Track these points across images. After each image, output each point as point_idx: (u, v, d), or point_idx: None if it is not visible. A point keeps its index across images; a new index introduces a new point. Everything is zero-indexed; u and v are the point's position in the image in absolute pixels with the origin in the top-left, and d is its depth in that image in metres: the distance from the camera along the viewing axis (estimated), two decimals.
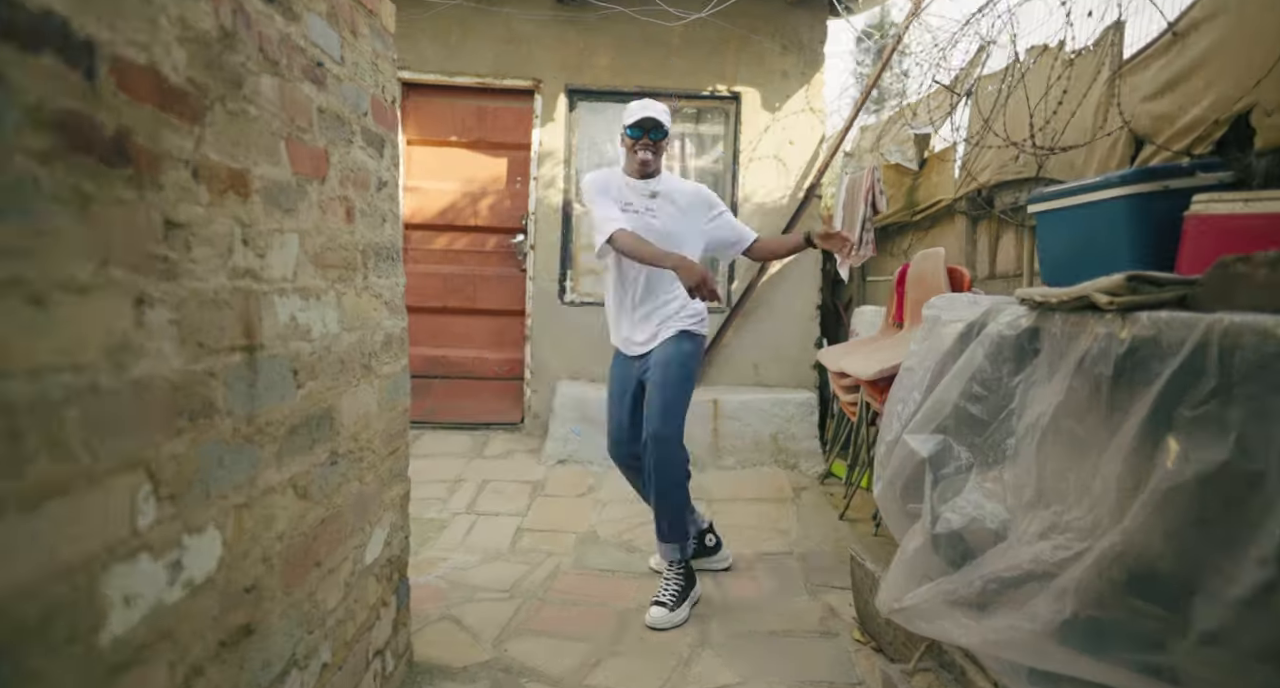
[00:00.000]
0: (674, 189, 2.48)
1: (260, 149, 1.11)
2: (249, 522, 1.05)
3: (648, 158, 2.38)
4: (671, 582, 2.32)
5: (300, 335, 1.24)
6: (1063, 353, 1.49)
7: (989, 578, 1.54)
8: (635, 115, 2.35)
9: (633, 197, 2.42)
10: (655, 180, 2.45)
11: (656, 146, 2.39)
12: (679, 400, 2.33)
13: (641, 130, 2.36)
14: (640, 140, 2.37)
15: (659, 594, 2.29)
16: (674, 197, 2.45)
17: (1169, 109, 1.95)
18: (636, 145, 2.37)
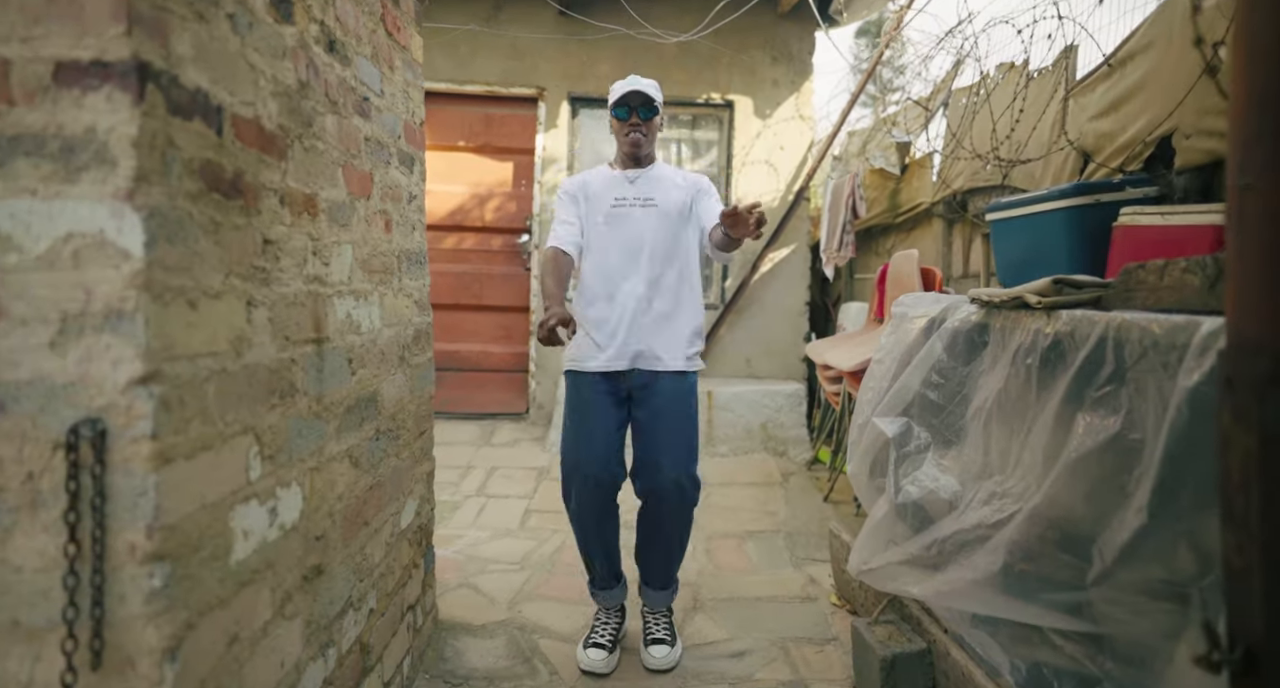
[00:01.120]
0: (672, 175, 2.20)
1: (324, 176, 1.34)
2: (318, 483, 1.29)
3: (638, 138, 2.10)
4: (661, 614, 2.16)
5: (353, 330, 1.47)
6: (1003, 345, 1.73)
7: (942, 541, 1.78)
8: (620, 91, 2.08)
9: (622, 189, 2.14)
10: (650, 168, 2.18)
11: (648, 126, 2.11)
12: (698, 439, 2.15)
13: (628, 108, 2.09)
14: (628, 120, 2.10)
15: (654, 629, 2.10)
16: (670, 182, 2.17)
17: (1111, 128, 2.18)
18: (625, 127, 2.11)
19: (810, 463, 3.93)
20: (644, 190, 2.14)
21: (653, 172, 2.18)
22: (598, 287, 2.13)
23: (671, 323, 2.11)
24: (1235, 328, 0.74)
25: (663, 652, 2.03)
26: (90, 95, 0.81)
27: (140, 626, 0.83)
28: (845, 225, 3.82)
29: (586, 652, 2.02)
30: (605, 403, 2.08)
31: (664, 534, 2.11)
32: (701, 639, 2.16)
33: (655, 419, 2.07)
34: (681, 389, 2.11)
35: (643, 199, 2.13)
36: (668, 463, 2.04)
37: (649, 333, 2.08)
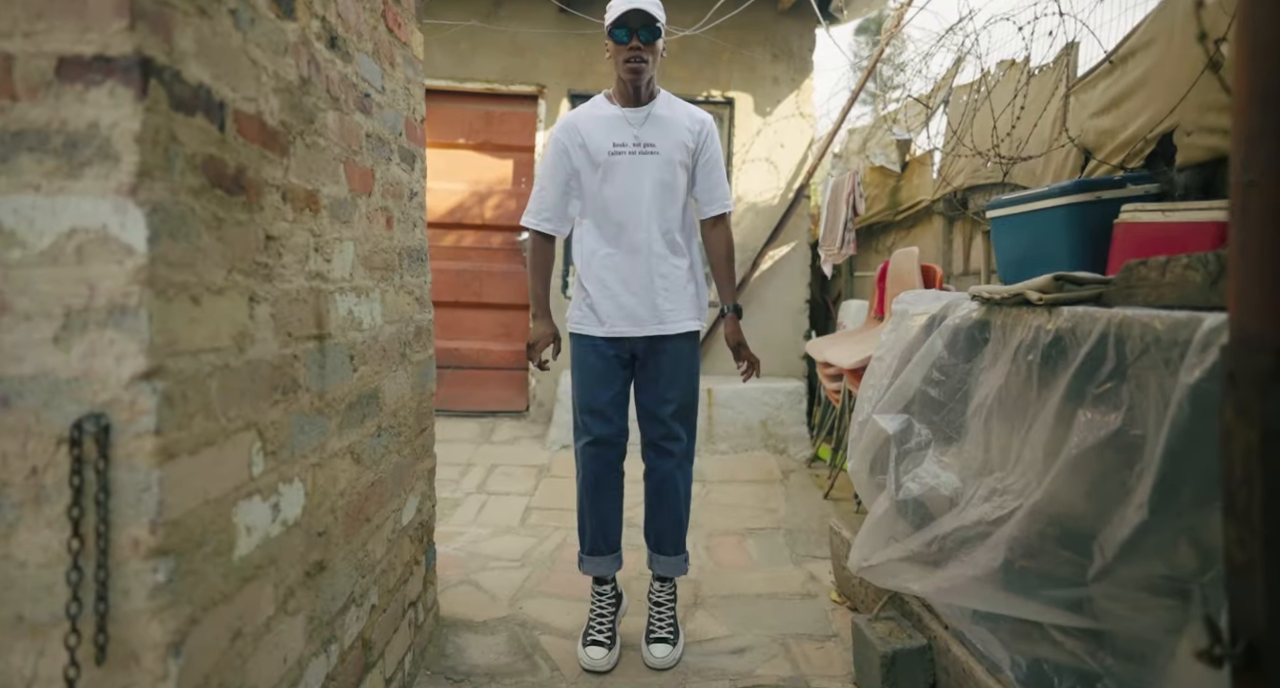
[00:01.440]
0: (676, 114, 2.01)
1: (326, 172, 1.34)
2: (320, 479, 1.29)
3: (639, 66, 1.88)
4: (666, 607, 2.12)
5: (355, 327, 1.47)
6: (1004, 342, 1.73)
7: (943, 537, 1.78)
8: (618, 10, 1.85)
9: (620, 132, 1.97)
10: (652, 104, 1.99)
11: (649, 50, 1.89)
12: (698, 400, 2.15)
13: (628, 29, 1.86)
14: (628, 44, 1.87)
15: (657, 627, 2.07)
16: (675, 124, 1.99)
17: (1112, 125, 2.18)
18: (623, 51, 1.88)
19: (810, 460, 3.94)
20: (645, 134, 1.98)
21: (656, 110, 2.00)
22: (595, 244, 2.05)
23: (673, 283, 2.05)
24: (1238, 324, 0.74)
25: (664, 651, 2.02)
26: (93, 90, 0.81)
27: (145, 620, 0.83)
28: (846, 223, 3.83)
29: (586, 650, 2.01)
30: (610, 367, 2.08)
31: (671, 489, 2.12)
32: (702, 635, 2.17)
33: (659, 377, 2.08)
34: (686, 349, 2.11)
35: (643, 145, 1.98)
36: (668, 425, 2.08)
37: (652, 296, 2.03)
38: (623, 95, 2.00)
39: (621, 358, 2.09)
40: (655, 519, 2.18)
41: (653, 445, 2.15)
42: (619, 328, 2.05)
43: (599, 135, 2.00)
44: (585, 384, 2.09)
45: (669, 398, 2.09)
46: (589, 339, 2.09)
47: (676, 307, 2.07)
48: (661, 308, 2.05)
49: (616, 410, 2.08)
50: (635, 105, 2.00)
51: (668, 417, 2.10)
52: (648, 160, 1.99)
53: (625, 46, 1.90)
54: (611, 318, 2.04)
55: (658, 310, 2.05)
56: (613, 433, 2.09)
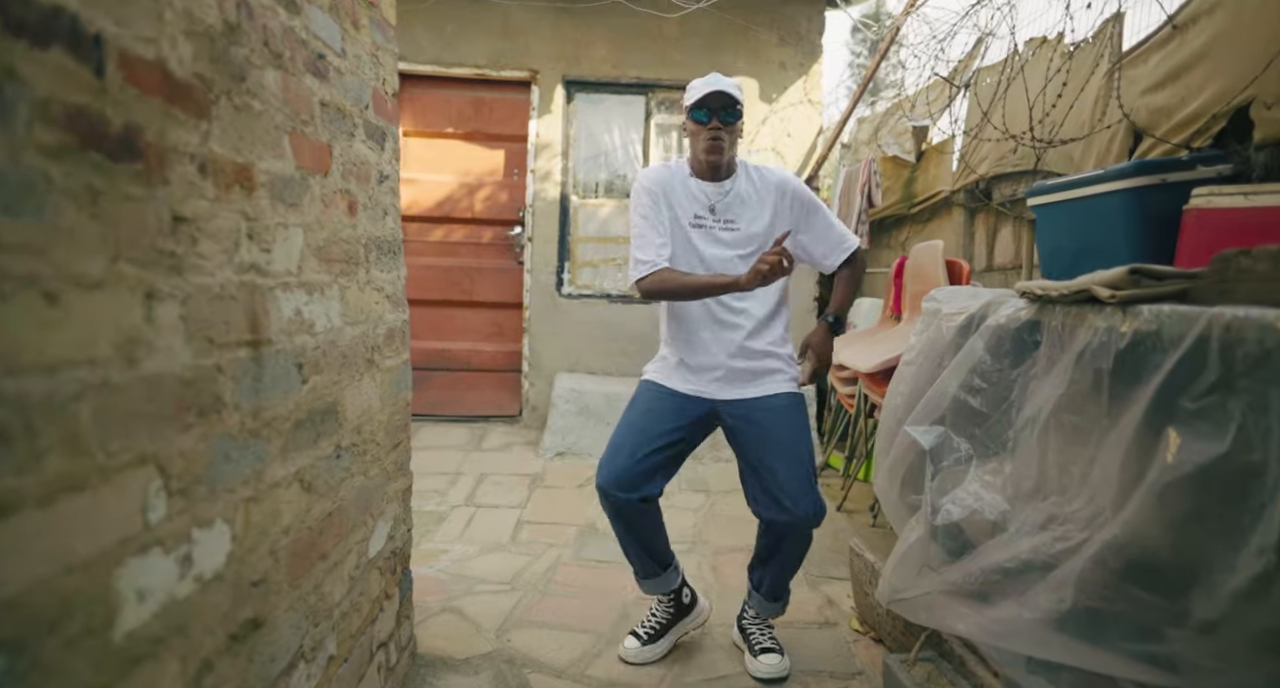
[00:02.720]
0: (753, 185, 1.93)
1: (264, 143, 1.11)
2: (256, 516, 1.05)
3: (719, 147, 1.83)
4: (766, 623, 2.03)
5: (305, 330, 1.24)
6: (1063, 346, 1.50)
7: (989, 569, 1.55)
8: (700, 92, 1.81)
9: (700, 206, 1.91)
10: (732, 180, 1.92)
11: (729, 131, 1.84)
12: (814, 457, 1.93)
13: (708, 111, 1.81)
14: (708, 125, 1.82)
15: (761, 638, 1.97)
16: (752, 196, 1.92)
17: (1168, 102, 1.96)
18: (703, 131, 1.83)
19: (821, 468, 3.71)
20: (724, 211, 1.92)
21: (736, 188, 1.93)
22: (679, 316, 1.94)
23: (763, 363, 1.92)
24: None
25: (774, 660, 1.91)
26: None
27: None
28: (860, 214, 3.60)
29: (624, 642, 2.00)
30: (656, 418, 1.90)
31: (784, 554, 1.94)
32: (713, 672, 1.94)
33: (758, 447, 1.86)
34: (787, 404, 1.90)
35: (723, 220, 1.91)
36: (788, 499, 1.82)
37: (739, 367, 1.91)
38: (702, 172, 1.93)
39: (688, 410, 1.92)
40: (764, 567, 2.00)
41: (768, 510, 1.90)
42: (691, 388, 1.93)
43: (685, 201, 1.92)
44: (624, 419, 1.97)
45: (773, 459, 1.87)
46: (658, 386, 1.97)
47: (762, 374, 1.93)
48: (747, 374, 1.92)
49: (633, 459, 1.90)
50: (715, 181, 1.93)
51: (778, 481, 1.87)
52: (726, 236, 1.91)
53: (705, 127, 1.84)
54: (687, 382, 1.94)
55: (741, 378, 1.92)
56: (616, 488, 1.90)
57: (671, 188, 1.92)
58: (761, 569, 1.99)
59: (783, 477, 1.81)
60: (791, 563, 1.95)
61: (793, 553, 1.93)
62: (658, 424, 1.89)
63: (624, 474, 1.85)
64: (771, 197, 1.92)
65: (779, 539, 1.89)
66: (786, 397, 1.91)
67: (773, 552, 1.93)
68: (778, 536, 1.89)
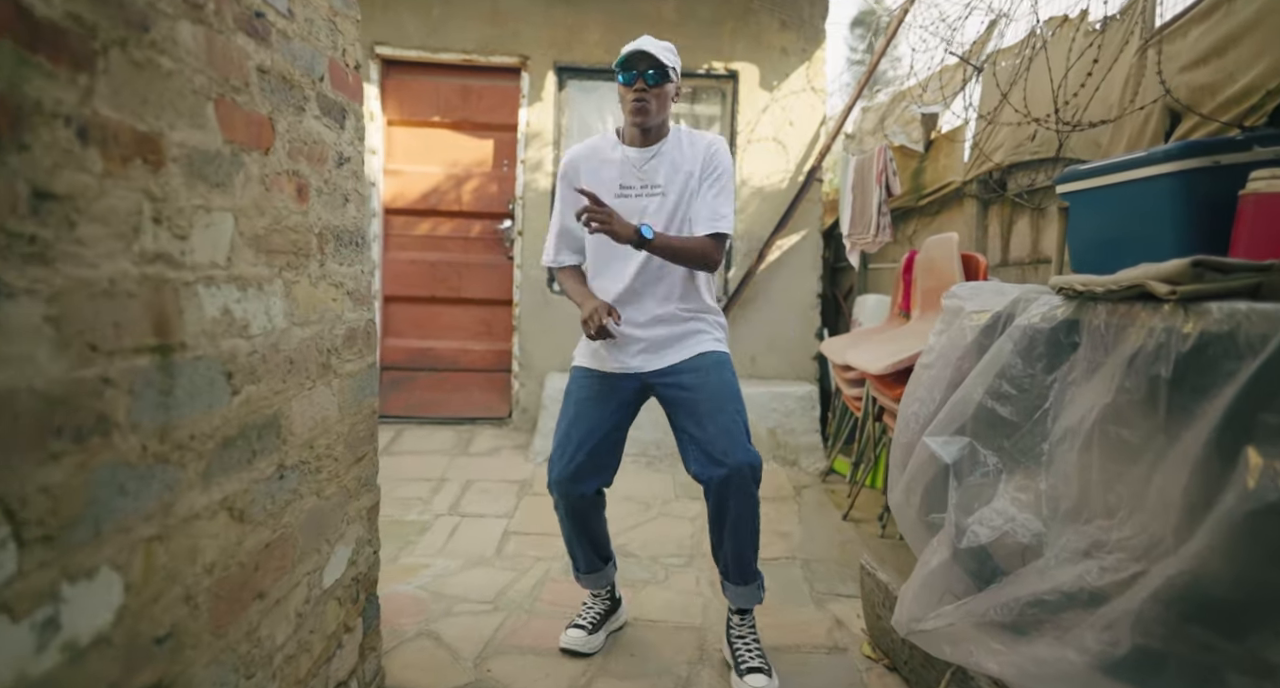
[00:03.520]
0: (682, 151, 1.87)
1: (178, 109, 0.93)
2: (163, 557, 0.88)
3: (644, 108, 1.78)
4: (751, 639, 1.92)
5: (236, 332, 1.06)
6: (1107, 348, 1.33)
7: (1025, 600, 1.38)
8: (625, 52, 1.80)
9: (628, 174, 1.87)
10: (660, 143, 1.87)
11: (656, 93, 1.79)
12: (745, 411, 1.87)
13: (634, 72, 1.78)
14: (633, 86, 1.78)
15: (748, 657, 1.87)
16: (682, 161, 1.86)
17: (1212, 79, 1.78)
18: (629, 93, 1.80)
19: (825, 474, 3.54)
20: (651, 175, 1.86)
21: (664, 149, 1.87)
22: (600, 281, 1.92)
23: (680, 327, 1.89)
24: None
25: (761, 681, 1.80)
26: None
27: None
28: (880, 205, 3.41)
29: (566, 632, 1.97)
30: (593, 406, 1.91)
31: (733, 518, 1.86)
32: None
33: (691, 409, 1.83)
34: (712, 363, 1.87)
35: (649, 186, 1.86)
36: (720, 453, 1.78)
37: (659, 341, 1.89)
38: (630, 136, 1.89)
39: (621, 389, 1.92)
40: (719, 545, 1.95)
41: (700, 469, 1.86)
42: (615, 366, 1.91)
43: (608, 176, 1.89)
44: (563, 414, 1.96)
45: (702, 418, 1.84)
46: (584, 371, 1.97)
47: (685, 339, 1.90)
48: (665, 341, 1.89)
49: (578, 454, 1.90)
50: (644, 146, 1.88)
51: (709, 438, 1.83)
52: (655, 203, 1.86)
53: (630, 89, 1.81)
54: (610, 360, 1.91)
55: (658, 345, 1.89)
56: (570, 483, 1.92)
57: (593, 163, 1.90)
58: (719, 546, 1.93)
59: (713, 432, 1.79)
60: (744, 531, 1.88)
61: (741, 517, 1.85)
62: (596, 412, 1.89)
63: (579, 469, 1.86)
64: (700, 158, 1.86)
65: (722, 500, 1.83)
66: (712, 356, 1.88)
67: (721, 516, 1.86)
68: (719, 496, 1.83)
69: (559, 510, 1.95)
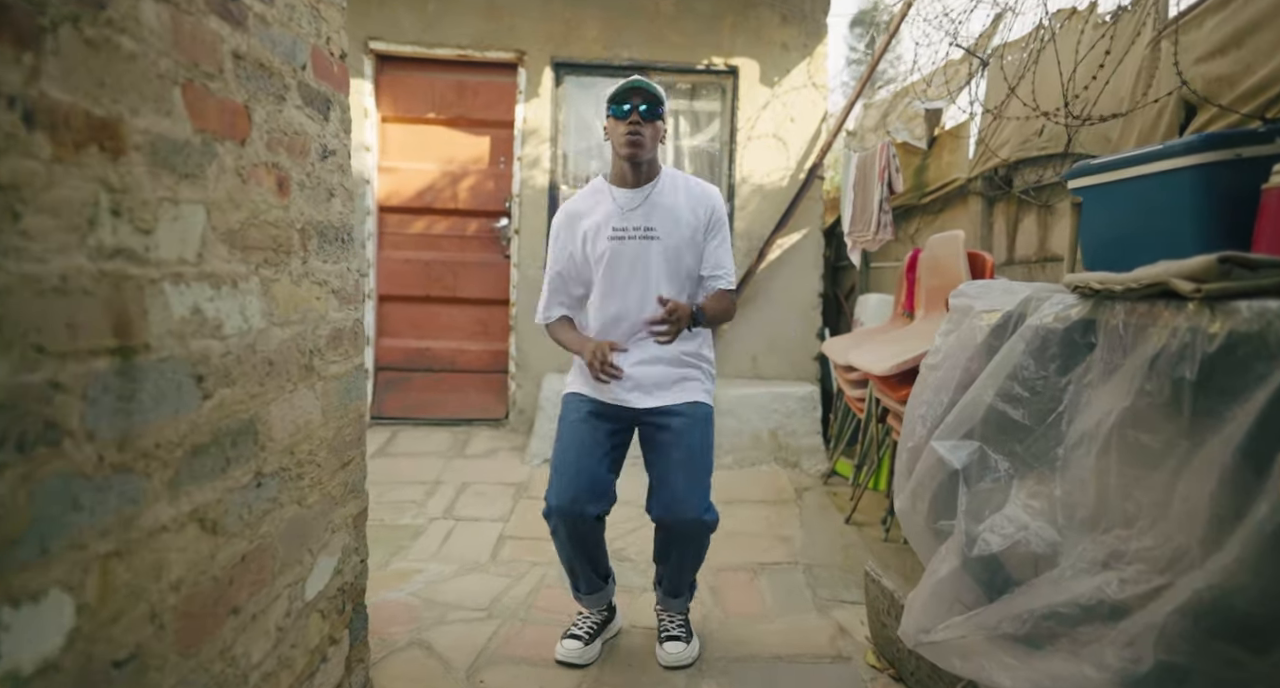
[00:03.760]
0: (678, 195, 1.88)
1: (142, 94, 0.87)
2: (124, 574, 0.82)
3: (638, 140, 1.78)
4: (677, 611, 2.01)
5: (208, 332, 1.00)
6: (1127, 349, 1.27)
7: (1040, 612, 1.32)
8: (618, 86, 1.82)
9: (622, 217, 1.85)
10: (652, 185, 1.87)
11: (650, 128, 1.80)
12: (712, 466, 1.91)
13: (627, 106, 1.78)
14: (627, 119, 1.78)
15: (668, 626, 1.97)
16: (678, 206, 1.86)
17: (1230, 70, 1.72)
18: (622, 126, 1.79)
19: (827, 476, 3.48)
20: (643, 219, 1.86)
21: (655, 192, 1.88)
22: (595, 318, 1.93)
23: (678, 370, 1.90)
24: None
25: (677, 648, 1.91)
26: None
27: None
28: (881, 202, 3.34)
29: (562, 643, 1.92)
30: (590, 431, 1.88)
31: (678, 557, 1.92)
32: None
33: (666, 453, 1.86)
34: (693, 419, 1.88)
35: (643, 229, 1.86)
36: (679, 505, 1.82)
37: (654, 381, 1.88)
38: (619, 176, 1.89)
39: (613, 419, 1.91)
40: (663, 566, 1.99)
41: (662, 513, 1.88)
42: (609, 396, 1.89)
43: (601, 220, 1.88)
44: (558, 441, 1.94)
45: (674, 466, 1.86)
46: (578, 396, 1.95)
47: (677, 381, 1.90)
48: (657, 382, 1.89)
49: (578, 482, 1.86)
50: (635, 186, 1.88)
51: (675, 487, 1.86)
52: (650, 247, 1.85)
53: (624, 121, 1.80)
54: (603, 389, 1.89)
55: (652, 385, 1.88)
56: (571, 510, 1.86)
57: (588, 210, 1.90)
58: (660, 567, 1.99)
59: (680, 486, 1.82)
60: (686, 564, 1.94)
61: (685, 554, 1.91)
62: (592, 437, 1.86)
63: (579, 494, 1.81)
64: (692, 205, 1.88)
65: (670, 542, 1.89)
66: (703, 409, 1.90)
67: (666, 553, 1.92)
68: (668, 539, 1.89)
69: (558, 536, 1.88)
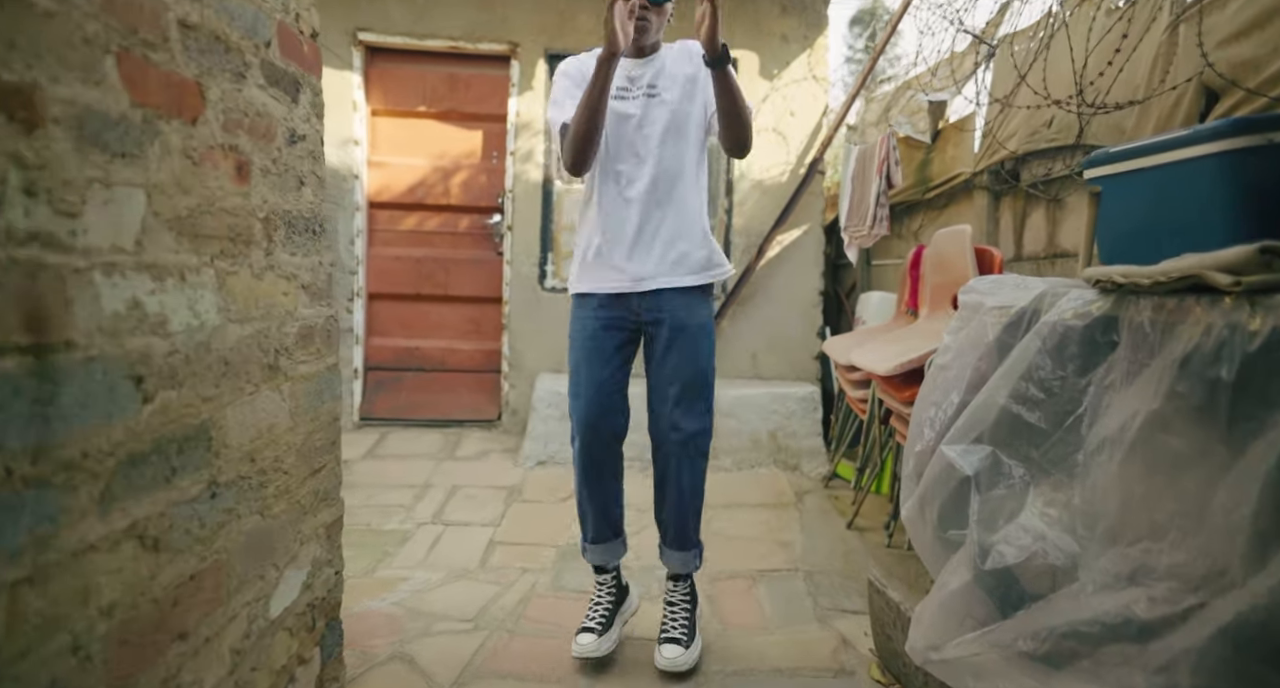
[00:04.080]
0: (675, 58, 1.85)
1: (64, 61, 0.77)
2: (38, 602, 0.72)
3: (646, 25, 1.74)
4: (680, 607, 1.94)
5: (149, 328, 0.90)
6: (1154, 348, 1.18)
7: (1060, 630, 1.23)
8: None
9: (624, 78, 1.82)
10: (654, 56, 1.85)
11: (657, 12, 1.76)
12: (712, 382, 1.88)
13: None
14: (638, 1, 1.71)
15: (670, 627, 1.89)
16: (677, 68, 1.82)
17: (1255, 52, 1.63)
18: (631, 7, 1.71)
19: (828, 479, 3.38)
20: (649, 80, 1.84)
21: (658, 60, 1.86)
22: (596, 192, 1.89)
23: (681, 235, 1.86)
24: None
25: (675, 652, 1.81)
26: None
27: None
28: (878, 197, 3.25)
29: (576, 639, 1.85)
30: (604, 339, 1.87)
31: (672, 484, 1.90)
32: None
33: (664, 357, 1.86)
34: (691, 314, 1.86)
35: (646, 88, 1.83)
36: (669, 411, 1.84)
37: (657, 247, 1.84)
38: (625, 52, 1.82)
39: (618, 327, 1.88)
40: (661, 508, 1.97)
41: (655, 428, 1.91)
42: (610, 284, 1.86)
43: None
44: (574, 358, 1.92)
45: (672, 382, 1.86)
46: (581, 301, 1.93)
47: (687, 261, 1.86)
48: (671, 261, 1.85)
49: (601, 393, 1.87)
50: (636, 57, 1.85)
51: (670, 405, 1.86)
52: (654, 105, 1.82)
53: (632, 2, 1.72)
54: (604, 277, 1.87)
55: (666, 265, 1.85)
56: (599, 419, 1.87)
57: (588, 67, 1.82)
58: (660, 505, 1.96)
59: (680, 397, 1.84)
60: (687, 493, 1.90)
61: (683, 477, 1.88)
62: (602, 350, 1.86)
63: (599, 407, 1.83)
64: (689, 57, 1.83)
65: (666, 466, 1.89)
66: (706, 307, 1.90)
67: (665, 476, 1.91)
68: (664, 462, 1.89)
69: (580, 460, 1.88)
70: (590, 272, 1.88)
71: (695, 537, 1.96)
